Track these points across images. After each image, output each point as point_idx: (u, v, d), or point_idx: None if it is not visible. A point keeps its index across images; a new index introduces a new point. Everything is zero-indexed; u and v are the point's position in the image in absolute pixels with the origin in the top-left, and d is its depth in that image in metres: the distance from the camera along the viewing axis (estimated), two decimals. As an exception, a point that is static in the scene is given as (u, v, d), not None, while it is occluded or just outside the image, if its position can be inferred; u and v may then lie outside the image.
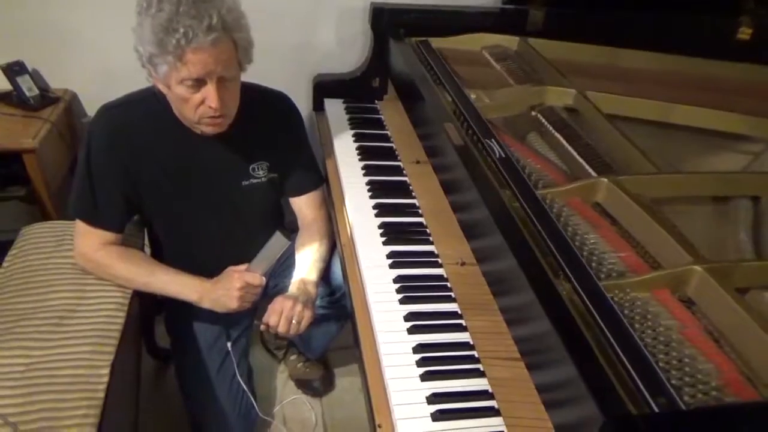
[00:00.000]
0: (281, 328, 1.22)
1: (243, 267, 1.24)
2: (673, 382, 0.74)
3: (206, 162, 1.26)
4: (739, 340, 0.82)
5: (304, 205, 1.42)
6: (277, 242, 1.16)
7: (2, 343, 1.17)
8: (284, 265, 1.48)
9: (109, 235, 1.26)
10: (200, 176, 1.27)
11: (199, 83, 1.08)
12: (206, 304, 1.25)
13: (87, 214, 1.24)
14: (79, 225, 1.26)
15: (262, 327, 1.25)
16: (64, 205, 1.76)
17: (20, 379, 1.12)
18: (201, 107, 1.11)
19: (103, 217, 1.24)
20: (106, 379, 1.16)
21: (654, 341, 0.82)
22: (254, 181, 1.32)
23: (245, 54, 1.14)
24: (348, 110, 1.67)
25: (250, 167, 1.31)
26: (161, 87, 1.14)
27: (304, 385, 1.70)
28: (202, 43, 1.02)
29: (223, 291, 1.23)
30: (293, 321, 1.22)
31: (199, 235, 1.36)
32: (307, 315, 1.24)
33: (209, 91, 1.09)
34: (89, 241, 1.26)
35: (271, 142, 1.31)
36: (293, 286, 1.30)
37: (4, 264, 1.35)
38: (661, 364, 0.76)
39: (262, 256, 1.20)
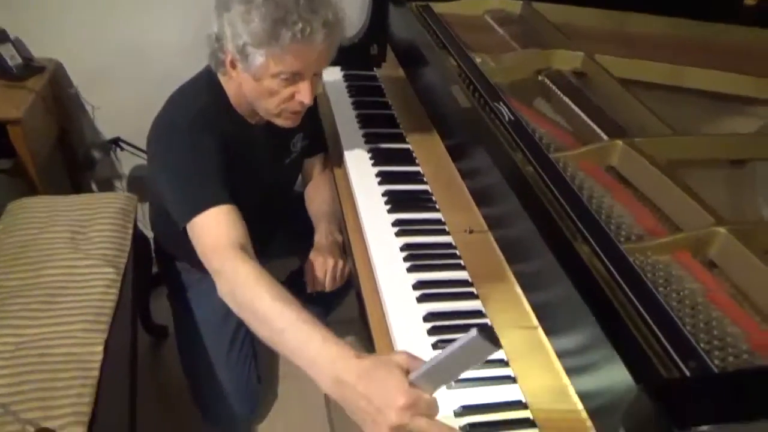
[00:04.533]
0: (329, 288, 1.21)
1: (405, 365, 0.73)
2: (702, 345, 0.71)
3: (257, 149, 1.23)
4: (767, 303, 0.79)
5: (314, 163, 1.43)
6: (478, 347, 0.65)
7: (-9, 321, 1.12)
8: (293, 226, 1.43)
9: (233, 222, 1.02)
10: (252, 164, 1.23)
11: (294, 78, 1.05)
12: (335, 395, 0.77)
13: (200, 200, 1.03)
14: (198, 222, 1.02)
15: (310, 289, 1.22)
16: (51, 178, 1.71)
17: (10, 358, 1.08)
18: (289, 102, 1.09)
19: (215, 191, 1.04)
20: (100, 357, 1.12)
21: (679, 305, 0.79)
22: (294, 155, 1.32)
23: (335, 51, 1.11)
24: (346, 78, 1.61)
25: (291, 142, 1.30)
26: (245, 77, 1.07)
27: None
28: (316, 38, 1.01)
29: (376, 402, 0.70)
30: (337, 277, 1.21)
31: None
32: (346, 268, 1.23)
33: (305, 86, 1.06)
34: (215, 235, 1.01)
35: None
36: (320, 237, 1.28)
37: (-9, 240, 1.29)
38: (688, 328, 0.73)
39: (447, 364, 0.68)
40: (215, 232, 1.00)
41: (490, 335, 0.63)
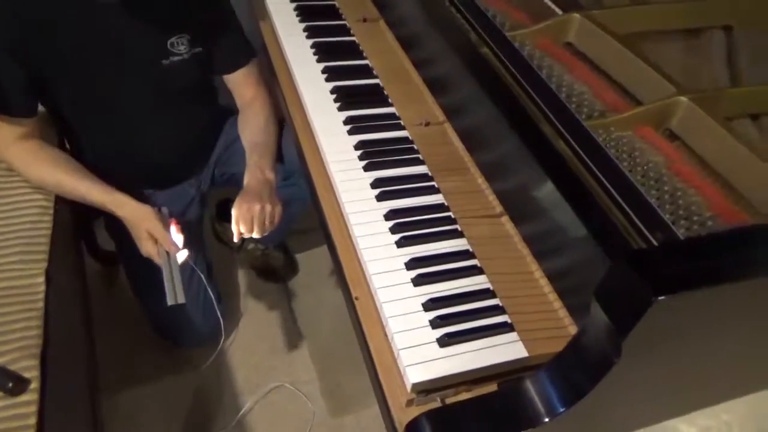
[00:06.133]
0: (257, 234, 1.11)
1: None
2: (668, 216, 0.70)
3: (117, 36, 1.08)
4: (728, 169, 0.78)
5: (240, 83, 1.27)
6: None
7: None
8: (229, 150, 1.35)
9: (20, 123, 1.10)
10: (111, 55, 1.09)
11: None
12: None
13: None
14: None
15: (236, 238, 1.13)
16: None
17: (-57, 297, 0.99)
18: None
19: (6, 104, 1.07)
20: (42, 288, 1.05)
21: (643, 178, 0.77)
22: (175, 58, 1.14)
23: None
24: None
25: (168, 42, 1.13)
26: None
27: (265, 273, 1.64)
28: None
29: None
30: (266, 222, 1.12)
31: (125, 125, 1.20)
32: (278, 210, 1.15)
33: None
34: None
35: (186, 10, 1.13)
36: (250, 177, 1.17)
37: None
38: (653, 200, 0.72)
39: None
40: None
41: None
